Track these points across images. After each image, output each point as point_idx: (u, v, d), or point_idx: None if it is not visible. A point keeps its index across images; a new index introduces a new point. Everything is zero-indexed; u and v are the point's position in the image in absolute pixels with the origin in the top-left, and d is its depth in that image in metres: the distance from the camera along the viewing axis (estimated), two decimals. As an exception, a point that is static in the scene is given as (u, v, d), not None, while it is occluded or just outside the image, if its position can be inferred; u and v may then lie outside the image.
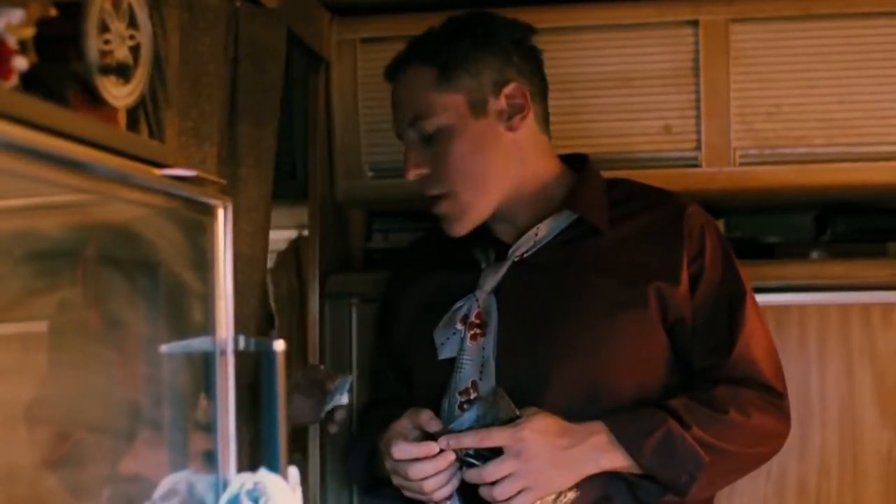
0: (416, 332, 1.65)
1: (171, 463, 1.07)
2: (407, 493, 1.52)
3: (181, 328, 1.07)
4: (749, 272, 1.92)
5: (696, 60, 1.97)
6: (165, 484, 1.02)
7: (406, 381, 1.70)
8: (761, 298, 1.92)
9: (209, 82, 1.48)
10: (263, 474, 0.96)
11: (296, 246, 2.75)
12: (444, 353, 1.59)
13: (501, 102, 1.59)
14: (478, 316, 1.58)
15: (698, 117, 1.98)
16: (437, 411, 1.54)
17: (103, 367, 1.13)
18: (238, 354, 1.03)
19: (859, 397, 1.91)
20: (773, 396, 1.57)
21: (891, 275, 1.93)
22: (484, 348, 1.56)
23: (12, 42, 0.86)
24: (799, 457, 1.91)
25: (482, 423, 1.47)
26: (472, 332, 1.57)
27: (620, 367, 1.54)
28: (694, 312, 1.57)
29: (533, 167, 1.62)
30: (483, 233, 1.65)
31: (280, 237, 2.81)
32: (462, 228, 1.60)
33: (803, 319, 1.94)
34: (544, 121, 1.65)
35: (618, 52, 1.99)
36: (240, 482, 0.96)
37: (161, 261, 1.10)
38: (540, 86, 1.65)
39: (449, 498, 1.50)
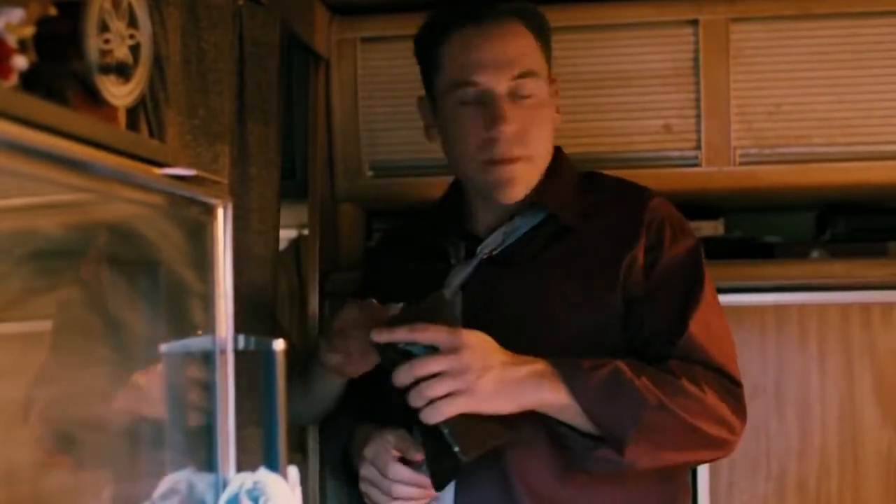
0: None
1: (171, 462, 1.07)
2: (368, 501, 1.50)
3: (181, 327, 1.07)
4: (749, 272, 1.93)
5: (696, 60, 1.98)
6: (165, 483, 1.02)
7: (372, 379, 1.67)
8: (761, 298, 1.93)
9: (217, 79, 1.48)
10: (263, 474, 0.96)
11: (296, 245, 2.75)
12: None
13: (552, 89, 1.62)
14: None
15: (698, 117, 1.98)
16: (402, 405, 1.45)
17: (103, 366, 1.13)
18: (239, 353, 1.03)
19: (859, 397, 1.91)
20: (729, 382, 1.47)
21: (891, 274, 1.94)
22: None
23: (12, 41, 0.86)
24: (799, 457, 1.91)
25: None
26: None
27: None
28: (645, 299, 1.51)
29: None
30: (456, 226, 1.64)
31: (280, 236, 2.81)
32: (522, 193, 1.57)
33: (803, 319, 1.93)
34: None
35: (618, 52, 1.99)
36: (239, 481, 0.96)
37: (161, 260, 1.10)
38: None
39: None
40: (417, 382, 1.34)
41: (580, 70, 2.01)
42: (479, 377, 1.34)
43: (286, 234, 2.79)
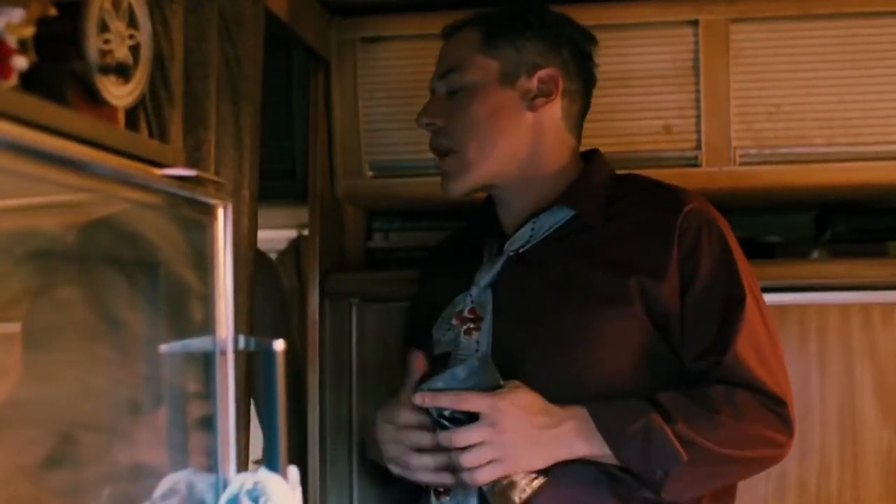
0: (424, 329, 1.66)
1: (171, 462, 1.07)
2: (393, 468, 1.51)
3: (181, 328, 1.07)
4: (749, 272, 1.91)
5: (697, 60, 1.97)
6: (165, 483, 1.02)
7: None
8: (761, 298, 1.92)
9: (201, 61, 1.45)
10: (263, 474, 0.96)
11: (296, 245, 2.76)
12: (439, 349, 1.60)
13: (532, 83, 1.61)
14: (471, 311, 1.58)
15: (698, 117, 1.98)
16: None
17: (101, 366, 1.13)
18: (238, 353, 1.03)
19: (859, 397, 1.91)
20: (773, 402, 1.50)
21: (891, 274, 1.93)
22: (478, 342, 1.56)
23: (12, 41, 0.86)
24: (799, 457, 1.91)
25: (464, 387, 1.45)
26: (465, 328, 1.58)
27: (601, 363, 1.52)
28: (684, 312, 1.53)
29: (544, 155, 1.63)
30: (493, 224, 1.67)
31: (280, 237, 2.81)
32: (458, 188, 1.63)
33: (803, 319, 1.94)
34: (575, 123, 1.67)
35: (618, 52, 1.99)
36: (240, 482, 0.96)
37: (161, 260, 1.10)
38: (580, 89, 1.66)
39: (442, 488, 1.50)
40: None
41: (580, 70, 2.01)
42: (516, 445, 1.43)
43: (286, 235, 2.80)
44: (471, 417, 1.43)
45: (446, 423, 1.44)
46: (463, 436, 1.42)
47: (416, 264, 1.96)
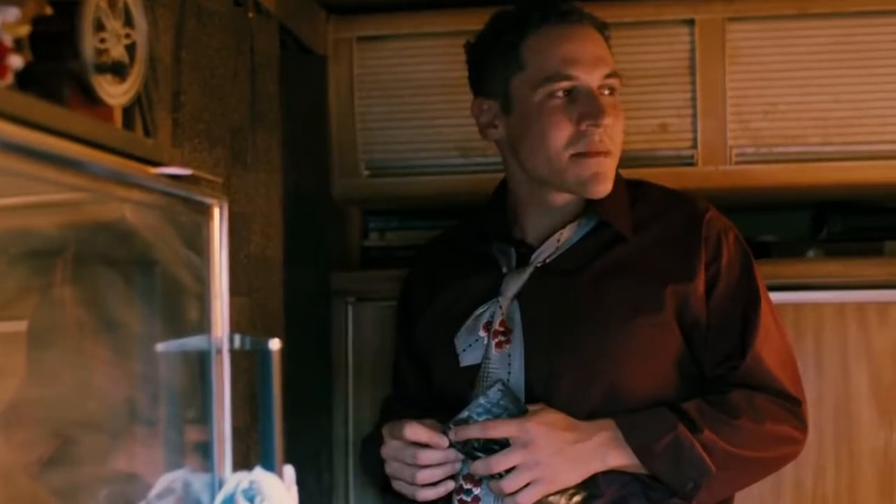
0: (438, 337, 1.64)
1: (167, 462, 1.07)
2: (395, 485, 1.52)
3: (177, 327, 1.07)
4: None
5: (693, 59, 1.98)
6: (161, 483, 1.02)
7: (425, 382, 1.68)
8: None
9: (218, 85, 1.49)
10: (259, 473, 0.96)
11: (292, 244, 2.75)
12: (467, 360, 1.58)
13: None
14: (501, 323, 1.56)
15: (694, 116, 1.98)
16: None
17: (97, 365, 1.13)
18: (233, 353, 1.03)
19: (855, 396, 1.91)
20: (789, 403, 1.54)
21: (887, 273, 1.94)
22: (510, 355, 1.54)
23: (8, 40, 0.86)
24: (795, 456, 1.91)
25: (490, 416, 1.46)
26: (496, 340, 1.56)
27: (638, 372, 1.53)
28: (708, 317, 1.55)
29: None
30: (504, 232, 1.64)
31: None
32: (608, 189, 1.58)
33: (799, 318, 1.94)
34: None
35: (615, 51, 1.98)
36: (235, 481, 0.96)
37: (157, 259, 1.10)
38: None
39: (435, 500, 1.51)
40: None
41: (576, 69, 2.01)
42: (550, 464, 1.44)
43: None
44: (502, 446, 1.44)
45: (479, 454, 1.45)
46: (497, 461, 1.43)
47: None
